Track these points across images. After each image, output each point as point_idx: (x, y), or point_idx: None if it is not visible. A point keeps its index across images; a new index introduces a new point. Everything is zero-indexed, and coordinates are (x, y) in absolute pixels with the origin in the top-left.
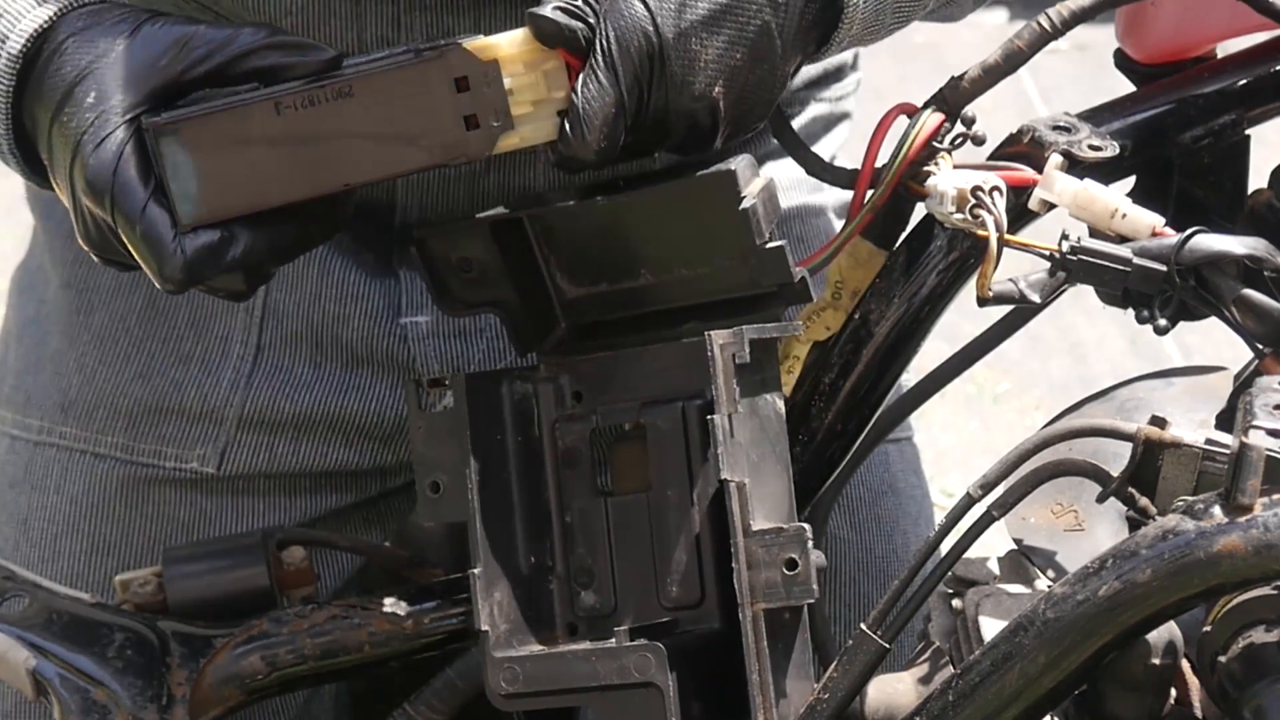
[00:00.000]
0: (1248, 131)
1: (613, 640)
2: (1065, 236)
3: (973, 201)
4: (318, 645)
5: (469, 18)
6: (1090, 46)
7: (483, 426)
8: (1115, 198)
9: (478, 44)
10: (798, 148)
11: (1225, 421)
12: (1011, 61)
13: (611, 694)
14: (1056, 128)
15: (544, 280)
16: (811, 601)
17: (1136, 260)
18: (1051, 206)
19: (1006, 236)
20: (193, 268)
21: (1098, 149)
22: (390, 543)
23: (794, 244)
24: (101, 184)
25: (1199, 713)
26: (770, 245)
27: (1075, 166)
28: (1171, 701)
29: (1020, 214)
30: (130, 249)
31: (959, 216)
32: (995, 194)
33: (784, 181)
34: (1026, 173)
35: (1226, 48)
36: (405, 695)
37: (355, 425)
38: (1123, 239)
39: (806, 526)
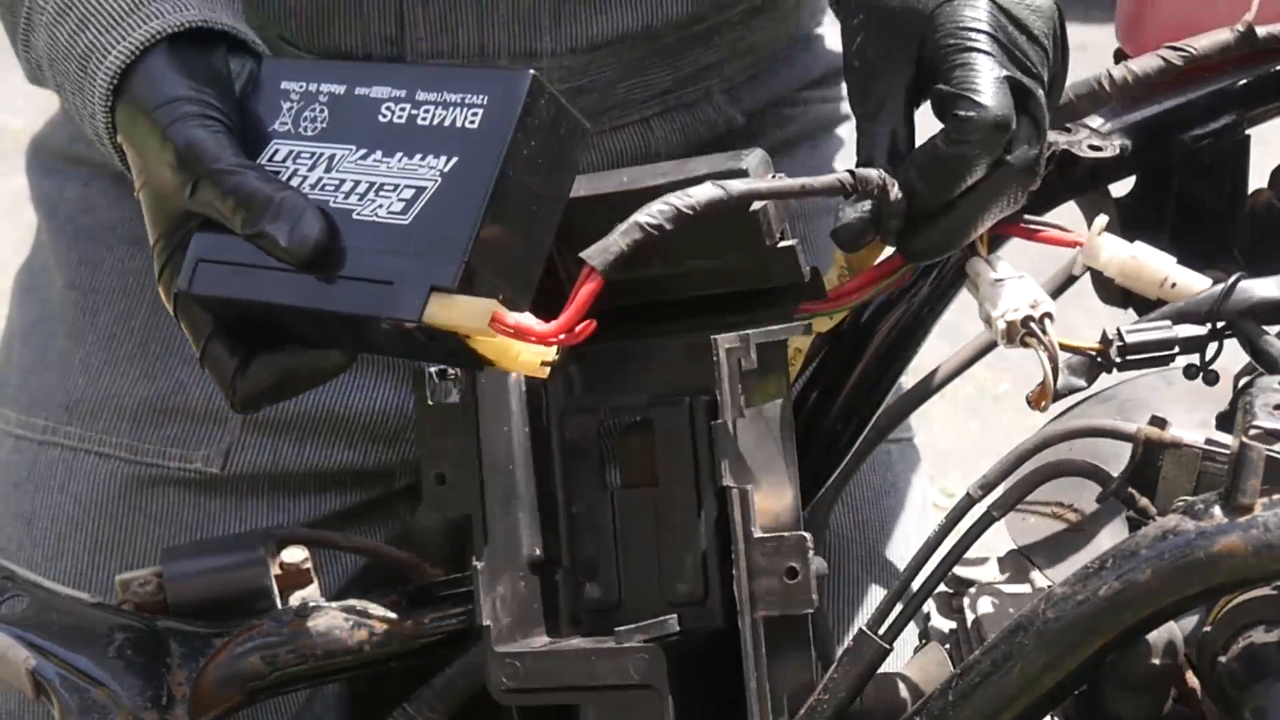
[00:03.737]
0: (1248, 131)
1: (613, 640)
2: (1108, 341)
3: (1024, 331)
4: (318, 645)
5: (473, 13)
6: (1090, 46)
7: (490, 417)
8: (1164, 264)
9: (440, 318)
10: None
11: (1225, 421)
12: (1064, 115)
13: (610, 694)
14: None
15: (555, 269)
16: (811, 611)
17: (1180, 334)
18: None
19: (1059, 342)
20: (247, 407)
21: (1098, 149)
22: (391, 543)
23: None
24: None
25: (1199, 713)
26: (781, 245)
27: (1076, 166)
28: (1171, 701)
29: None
30: None
31: (1009, 344)
32: (1046, 320)
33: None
34: (1071, 235)
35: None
36: (405, 695)
37: (359, 425)
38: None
39: (807, 535)
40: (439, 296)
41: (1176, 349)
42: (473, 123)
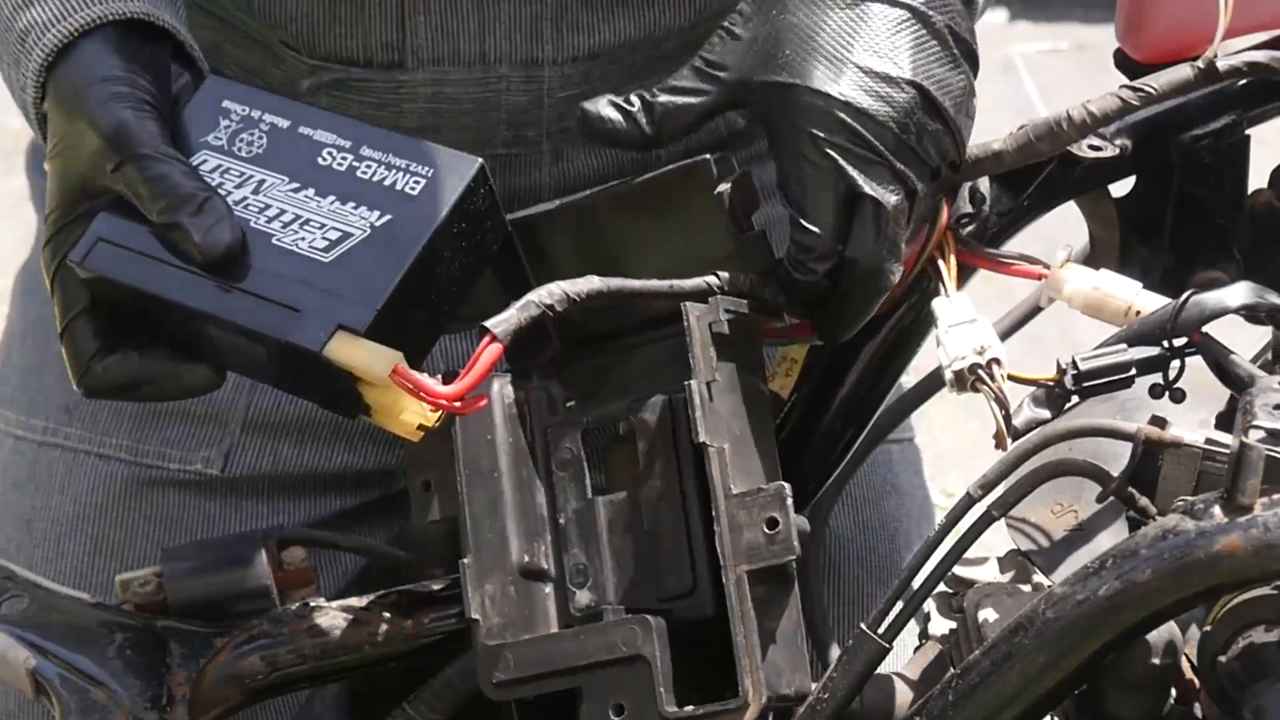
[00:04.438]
0: (1248, 131)
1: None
2: (1063, 370)
3: (972, 379)
4: (318, 645)
5: (474, 21)
6: (1090, 46)
7: (471, 425)
8: (1127, 294)
9: (335, 356)
10: None
11: (1225, 421)
12: (1025, 154)
13: (603, 672)
14: None
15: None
16: (793, 559)
17: (1136, 356)
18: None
19: (1011, 374)
20: (93, 393)
21: (1098, 149)
22: (391, 544)
23: None
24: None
25: (1199, 713)
26: (750, 234)
27: (1076, 166)
28: (1171, 701)
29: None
30: None
31: (961, 392)
32: (994, 366)
33: None
34: (1036, 268)
35: (1227, 47)
36: (405, 695)
37: (359, 427)
38: None
39: (786, 485)
40: (345, 335)
41: (1134, 371)
42: (413, 189)
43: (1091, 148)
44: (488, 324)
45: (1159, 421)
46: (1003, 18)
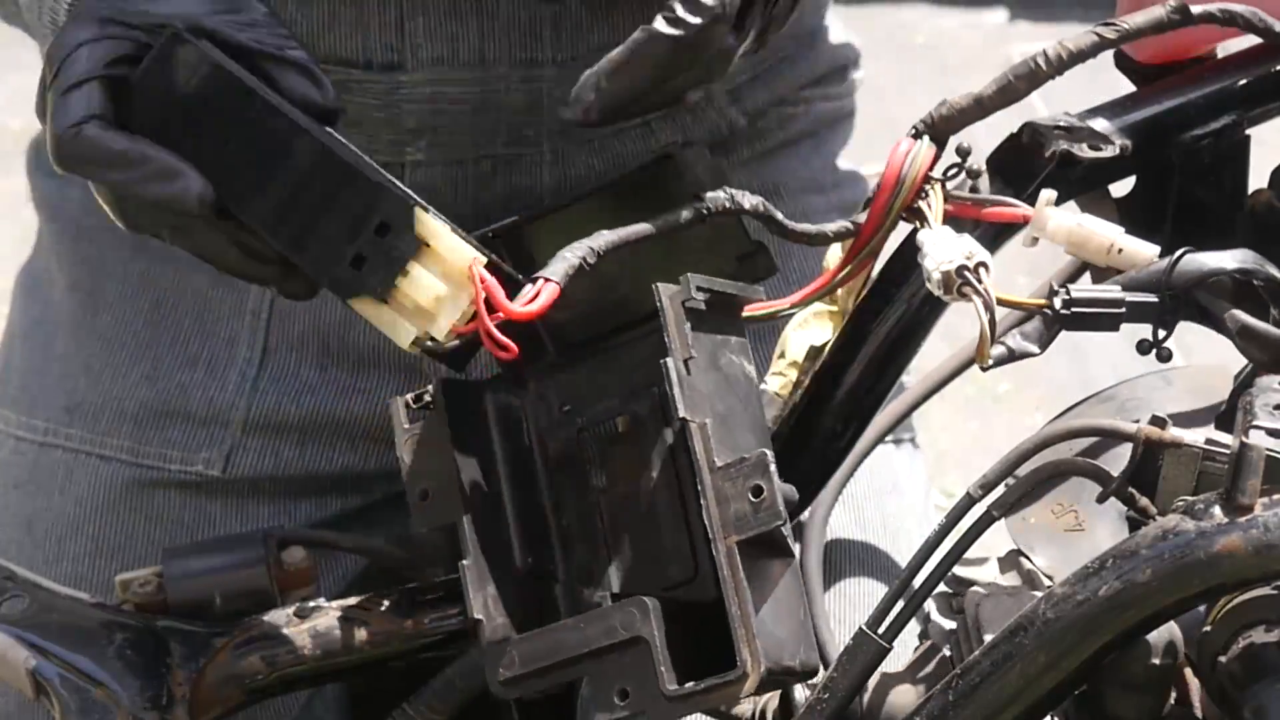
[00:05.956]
0: (1248, 131)
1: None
2: (1054, 292)
3: (959, 281)
4: (318, 645)
5: (473, 21)
6: None
7: (466, 431)
8: (1110, 231)
9: (427, 221)
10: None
11: (1225, 421)
12: (1006, 96)
13: (606, 659)
14: (1057, 128)
15: None
16: (780, 524)
17: (1129, 298)
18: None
19: (1000, 297)
20: (66, 159)
21: (1098, 149)
22: (392, 544)
23: (801, 248)
24: (56, 54)
25: (1199, 713)
26: (723, 215)
27: (1076, 166)
28: (1171, 701)
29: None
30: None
31: (948, 296)
32: (982, 270)
33: (790, 185)
34: (1019, 209)
35: (1227, 48)
36: (405, 695)
37: (361, 428)
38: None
39: (768, 451)
40: (436, 215)
41: (1124, 309)
42: None
43: (1091, 147)
44: (541, 273)
45: (1159, 422)
46: (1003, 18)
